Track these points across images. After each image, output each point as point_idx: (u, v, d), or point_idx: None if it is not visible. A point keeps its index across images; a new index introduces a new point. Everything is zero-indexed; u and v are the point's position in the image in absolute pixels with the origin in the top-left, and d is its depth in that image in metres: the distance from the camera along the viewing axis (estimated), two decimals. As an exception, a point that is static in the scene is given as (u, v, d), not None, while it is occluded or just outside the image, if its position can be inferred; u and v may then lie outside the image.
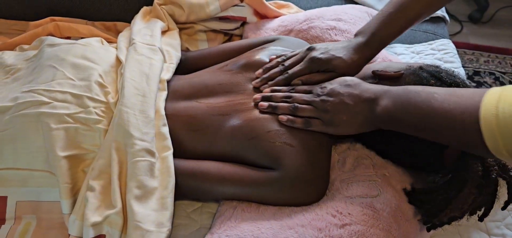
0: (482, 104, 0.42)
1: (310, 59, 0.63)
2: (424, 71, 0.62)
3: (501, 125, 0.40)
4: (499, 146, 0.41)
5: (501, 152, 0.41)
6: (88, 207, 0.54)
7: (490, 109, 0.41)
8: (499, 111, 0.40)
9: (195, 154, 0.63)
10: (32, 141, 0.58)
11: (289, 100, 0.60)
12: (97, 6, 0.86)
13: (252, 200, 0.60)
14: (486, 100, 0.42)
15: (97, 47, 0.70)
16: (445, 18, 1.03)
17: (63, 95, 0.60)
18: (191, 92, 0.67)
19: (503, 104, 0.41)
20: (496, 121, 0.41)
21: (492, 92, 0.43)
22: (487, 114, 0.41)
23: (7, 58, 0.71)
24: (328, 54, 0.62)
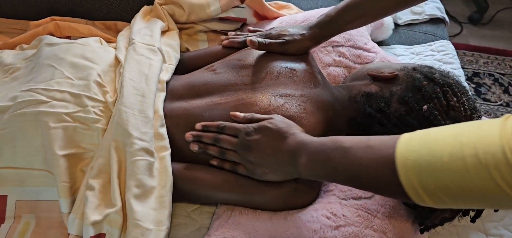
0: (396, 155, 0.42)
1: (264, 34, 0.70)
2: (417, 72, 0.62)
3: (417, 174, 0.41)
4: (416, 187, 0.41)
5: (418, 192, 0.41)
6: (88, 205, 0.54)
7: (403, 160, 0.42)
8: (412, 159, 0.41)
9: (193, 154, 0.63)
10: (31, 140, 0.58)
11: (219, 143, 0.59)
12: (98, 6, 0.86)
13: (246, 206, 0.60)
14: (398, 151, 0.43)
15: (95, 47, 0.70)
16: (444, 19, 1.03)
17: (61, 94, 0.61)
18: (188, 92, 0.68)
19: (412, 147, 0.41)
20: (406, 161, 0.41)
21: (402, 140, 0.43)
22: (403, 166, 0.42)
23: (6, 57, 0.71)
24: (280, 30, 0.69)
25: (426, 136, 0.42)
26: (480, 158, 0.37)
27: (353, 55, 0.79)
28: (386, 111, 0.60)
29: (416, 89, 0.60)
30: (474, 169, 0.37)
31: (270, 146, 0.55)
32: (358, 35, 0.82)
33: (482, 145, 0.37)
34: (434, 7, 1.05)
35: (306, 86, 0.66)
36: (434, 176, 0.40)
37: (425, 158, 0.40)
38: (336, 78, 0.77)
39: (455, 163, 0.38)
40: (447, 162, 0.39)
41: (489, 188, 0.37)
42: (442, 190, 0.40)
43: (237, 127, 0.59)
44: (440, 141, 0.40)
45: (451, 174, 0.38)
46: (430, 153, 0.40)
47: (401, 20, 1.00)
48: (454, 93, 0.58)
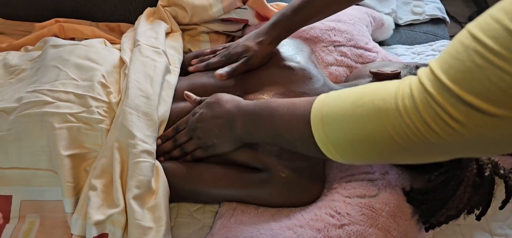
0: (312, 109, 0.44)
1: (225, 53, 0.70)
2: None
3: (325, 124, 0.42)
4: (325, 140, 0.43)
5: (329, 149, 0.43)
6: (91, 205, 0.55)
7: (316, 113, 0.43)
8: (324, 112, 0.42)
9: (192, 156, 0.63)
10: (36, 140, 0.59)
11: (177, 144, 0.62)
12: (102, 7, 0.86)
13: (249, 202, 0.61)
14: (314, 105, 0.44)
15: (100, 48, 0.71)
16: (445, 19, 1.04)
17: (66, 95, 0.61)
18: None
19: (326, 102, 0.43)
20: (321, 115, 0.42)
21: (320, 96, 0.45)
22: (315, 118, 0.43)
23: (12, 58, 0.71)
24: (236, 49, 0.68)
25: (341, 91, 0.43)
26: (375, 104, 0.37)
27: (355, 55, 0.80)
28: None
29: None
30: (367, 114, 0.38)
31: (211, 116, 0.58)
32: (359, 35, 0.82)
33: (379, 93, 0.38)
34: (435, 7, 1.05)
35: (305, 84, 0.66)
36: (338, 127, 0.41)
37: (333, 109, 0.42)
38: (338, 77, 0.78)
39: (354, 111, 0.39)
40: (348, 110, 0.40)
41: (380, 135, 0.37)
42: (345, 140, 0.41)
43: (186, 118, 0.63)
44: (348, 93, 0.41)
45: (351, 122, 0.39)
46: (337, 103, 0.41)
47: (401, 20, 1.01)
48: None
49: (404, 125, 0.35)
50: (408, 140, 0.36)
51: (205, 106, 0.60)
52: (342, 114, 0.40)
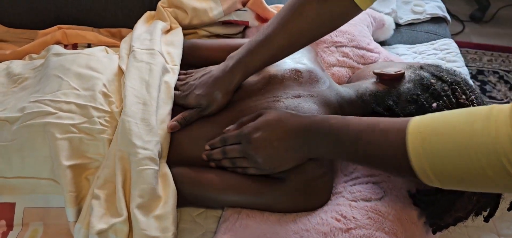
0: (407, 140, 0.44)
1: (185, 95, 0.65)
2: (425, 71, 0.62)
3: (429, 162, 0.42)
4: (426, 170, 0.43)
5: (428, 175, 0.43)
6: (94, 215, 0.55)
7: (415, 134, 0.43)
8: (424, 135, 0.43)
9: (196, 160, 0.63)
10: (39, 150, 0.59)
11: (227, 155, 0.59)
12: (103, 14, 0.87)
13: (256, 208, 0.60)
14: (409, 135, 0.44)
15: (101, 57, 0.71)
16: (446, 18, 1.03)
17: (68, 106, 0.61)
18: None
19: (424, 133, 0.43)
20: (422, 145, 0.43)
21: (413, 125, 0.45)
22: (413, 139, 0.43)
23: (15, 67, 0.72)
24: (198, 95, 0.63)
25: (436, 121, 0.43)
26: (489, 149, 0.38)
27: (357, 55, 0.80)
28: (395, 109, 0.60)
29: (424, 87, 0.60)
30: (484, 157, 0.38)
31: (275, 138, 0.55)
32: (360, 35, 0.82)
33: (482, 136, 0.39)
34: (435, 6, 1.05)
35: (312, 86, 0.66)
36: (445, 162, 0.41)
37: (436, 145, 0.42)
38: (340, 78, 0.78)
39: (466, 151, 0.40)
40: (457, 149, 0.40)
41: (498, 174, 0.38)
42: (452, 175, 0.41)
43: (236, 134, 0.59)
44: (450, 127, 0.42)
45: (463, 161, 0.40)
46: (441, 140, 0.41)
47: (402, 20, 1.00)
48: (462, 91, 0.59)
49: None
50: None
51: (262, 128, 0.56)
52: (451, 152, 0.41)
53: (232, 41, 0.79)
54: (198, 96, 0.64)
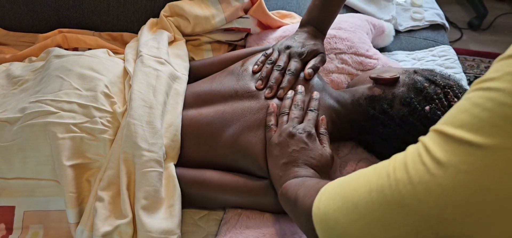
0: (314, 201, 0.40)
1: (298, 54, 0.69)
2: (418, 75, 0.63)
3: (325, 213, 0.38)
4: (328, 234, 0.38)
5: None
6: (97, 217, 0.55)
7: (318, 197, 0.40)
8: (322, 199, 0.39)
9: (200, 162, 0.64)
10: (40, 150, 0.59)
11: (287, 110, 0.62)
12: (104, 18, 0.87)
13: (254, 208, 0.61)
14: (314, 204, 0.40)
15: (103, 59, 0.72)
16: (445, 25, 1.04)
17: (69, 105, 0.61)
18: (196, 101, 0.69)
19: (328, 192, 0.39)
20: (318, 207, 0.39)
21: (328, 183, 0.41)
22: (316, 201, 0.40)
23: (15, 69, 0.72)
24: (306, 47, 0.70)
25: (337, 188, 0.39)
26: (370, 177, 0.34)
27: (356, 62, 0.80)
28: (389, 112, 0.61)
29: (418, 91, 0.61)
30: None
31: (300, 155, 0.56)
32: (359, 42, 0.83)
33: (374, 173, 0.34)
34: (434, 13, 1.06)
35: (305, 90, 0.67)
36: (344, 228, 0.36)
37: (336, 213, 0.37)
38: (339, 85, 0.78)
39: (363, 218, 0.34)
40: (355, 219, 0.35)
41: None
42: None
43: (312, 120, 0.61)
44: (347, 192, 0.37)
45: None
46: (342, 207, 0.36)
47: (401, 27, 1.02)
48: (455, 94, 0.60)
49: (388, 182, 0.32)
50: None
51: (310, 148, 0.56)
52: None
53: (229, 54, 0.80)
54: (312, 47, 0.70)
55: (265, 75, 0.67)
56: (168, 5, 0.84)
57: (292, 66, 0.67)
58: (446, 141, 0.29)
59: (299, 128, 0.59)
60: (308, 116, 0.61)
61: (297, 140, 0.57)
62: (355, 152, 0.68)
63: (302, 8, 0.99)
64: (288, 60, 0.69)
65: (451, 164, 0.28)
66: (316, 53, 0.70)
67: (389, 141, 0.62)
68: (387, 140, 0.62)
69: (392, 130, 0.61)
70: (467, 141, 0.28)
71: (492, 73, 0.29)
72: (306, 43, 0.70)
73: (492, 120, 0.27)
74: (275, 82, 0.66)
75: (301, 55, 0.69)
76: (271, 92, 0.65)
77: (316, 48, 0.70)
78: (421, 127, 0.58)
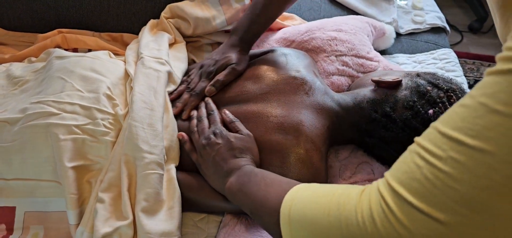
0: (283, 201, 0.42)
1: (206, 74, 0.70)
2: (421, 78, 0.63)
3: (292, 220, 0.40)
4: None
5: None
6: (98, 218, 0.55)
7: (287, 202, 0.42)
8: (292, 212, 0.41)
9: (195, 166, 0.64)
10: (40, 151, 0.59)
11: (199, 123, 0.64)
12: (105, 18, 0.87)
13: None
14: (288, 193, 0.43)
15: (105, 60, 0.71)
16: (445, 28, 1.05)
17: (72, 107, 0.61)
18: None
19: (295, 205, 0.41)
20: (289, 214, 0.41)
21: (295, 188, 0.43)
22: (284, 207, 0.42)
23: (15, 69, 0.71)
24: (216, 62, 0.71)
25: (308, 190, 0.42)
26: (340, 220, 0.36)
27: (356, 64, 0.80)
28: (392, 115, 0.61)
29: (421, 94, 0.61)
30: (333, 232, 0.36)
31: (220, 155, 0.59)
32: (360, 44, 0.83)
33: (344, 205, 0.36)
34: (435, 16, 1.06)
35: (306, 93, 0.67)
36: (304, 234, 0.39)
37: (300, 213, 0.40)
38: (340, 87, 0.78)
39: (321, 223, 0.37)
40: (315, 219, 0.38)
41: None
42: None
43: (216, 122, 0.63)
44: (315, 199, 0.39)
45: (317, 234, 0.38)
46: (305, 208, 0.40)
47: (402, 30, 1.01)
48: (458, 98, 0.60)
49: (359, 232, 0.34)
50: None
51: (224, 141, 0.60)
52: (309, 222, 0.39)
53: None
54: (225, 57, 0.70)
55: (181, 100, 0.70)
56: (168, 6, 0.84)
57: (197, 87, 0.70)
58: (407, 205, 0.31)
59: (207, 134, 0.61)
60: (210, 120, 0.64)
61: (212, 145, 0.60)
62: (355, 155, 0.68)
63: (303, 10, 0.99)
64: (198, 80, 0.71)
65: (416, 232, 0.30)
66: (226, 65, 0.70)
67: (391, 144, 0.62)
68: (388, 143, 0.62)
69: (394, 133, 0.60)
70: (427, 213, 0.29)
71: (437, 150, 0.30)
72: (217, 57, 0.71)
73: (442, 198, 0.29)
74: (182, 103, 0.69)
75: (210, 73, 0.70)
76: (176, 110, 0.68)
77: (225, 61, 0.70)
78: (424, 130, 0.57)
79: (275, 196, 0.45)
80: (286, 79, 0.68)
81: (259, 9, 0.72)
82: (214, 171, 0.59)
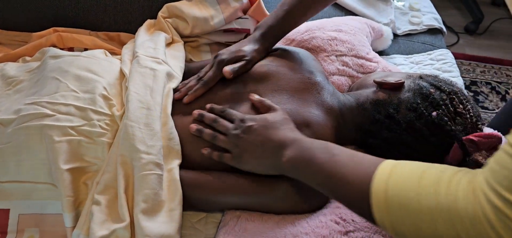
0: (374, 177, 0.43)
1: (217, 63, 0.68)
2: (423, 81, 0.64)
3: (389, 202, 0.41)
4: (385, 223, 0.42)
5: (386, 227, 0.42)
6: (94, 221, 0.54)
7: (380, 184, 0.42)
8: (388, 187, 0.41)
9: (200, 164, 0.63)
10: (35, 153, 0.58)
11: (215, 124, 0.61)
12: (101, 17, 0.86)
13: (256, 209, 0.61)
14: (378, 174, 0.43)
15: (101, 59, 0.70)
16: (442, 29, 1.05)
17: (66, 108, 0.60)
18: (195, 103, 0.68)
19: (392, 181, 0.42)
20: (385, 197, 0.41)
21: (384, 165, 0.44)
22: (378, 188, 0.42)
23: (9, 69, 0.70)
24: (232, 53, 0.69)
25: (402, 168, 0.42)
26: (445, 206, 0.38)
27: (356, 65, 0.80)
28: (395, 117, 0.61)
29: (424, 96, 0.61)
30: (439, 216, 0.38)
31: (262, 134, 0.57)
32: (359, 45, 0.83)
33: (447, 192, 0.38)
34: (432, 17, 1.06)
35: (318, 94, 0.67)
36: (403, 219, 0.40)
37: (397, 194, 0.41)
38: (340, 87, 0.78)
39: (421, 208, 0.39)
40: (415, 203, 0.39)
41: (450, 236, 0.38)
42: (410, 233, 0.40)
43: (235, 113, 0.62)
44: (412, 179, 0.40)
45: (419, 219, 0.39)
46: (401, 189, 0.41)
47: (399, 31, 1.02)
48: (460, 100, 0.60)
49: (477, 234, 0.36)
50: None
51: (258, 121, 0.58)
52: (408, 204, 0.40)
53: None
54: (243, 51, 0.69)
55: (186, 81, 0.69)
56: (166, 6, 0.83)
57: (206, 75, 0.68)
58: None
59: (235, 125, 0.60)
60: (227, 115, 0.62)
61: (247, 130, 0.58)
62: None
63: (301, 10, 0.99)
64: (208, 69, 0.69)
65: None
66: (239, 59, 0.69)
67: (394, 145, 0.62)
68: (392, 144, 0.62)
69: (397, 134, 0.61)
70: None
71: None
72: (235, 49, 0.70)
73: None
74: (186, 88, 0.68)
75: (222, 63, 0.68)
76: (178, 95, 0.67)
77: (240, 55, 0.69)
78: (428, 133, 0.58)
79: (358, 173, 0.45)
80: (301, 78, 0.68)
81: (285, 10, 0.71)
82: (261, 154, 0.56)
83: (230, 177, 0.61)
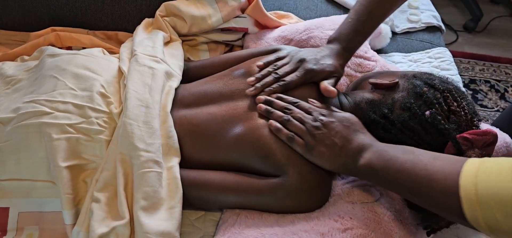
0: (461, 173, 0.42)
1: (305, 71, 0.65)
2: (417, 79, 0.64)
3: (480, 198, 0.40)
4: (478, 219, 0.41)
5: (479, 223, 0.41)
6: (94, 218, 0.54)
7: (469, 179, 0.42)
8: (478, 183, 0.41)
9: (199, 163, 0.63)
10: (34, 151, 0.58)
11: (288, 112, 0.61)
12: (99, 16, 0.86)
13: (256, 208, 0.61)
14: (465, 170, 0.42)
15: (99, 57, 0.70)
16: (441, 27, 1.05)
17: (64, 105, 0.61)
18: (192, 100, 0.68)
19: (482, 175, 0.41)
20: (476, 192, 0.41)
21: (471, 161, 0.43)
22: (467, 184, 0.41)
23: (8, 68, 0.70)
24: (320, 65, 0.66)
25: (492, 170, 0.41)
26: None
27: (354, 64, 0.80)
28: (390, 117, 0.61)
29: (417, 95, 0.61)
30: None
31: (343, 133, 0.57)
32: (358, 43, 0.83)
33: None
34: (430, 15, 1.06)
35: (310, 91, 0.67)
36: (498, 216, 0.39)
37: (489, 192, 0.40)
38: (338, 86, 0.78)
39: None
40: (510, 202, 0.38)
41: None
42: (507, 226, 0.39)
43: (310, 106, 0.62)
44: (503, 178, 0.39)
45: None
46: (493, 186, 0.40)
47: (398, 29, 1.02)
48: (454, 98, 0.60)
49: None
50: None
51: (340, 119, 0.59)
52: (501, 197, 0.39)
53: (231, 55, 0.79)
54: (331, 66, 0.66)
55: (260, 76, 0.66)
56: (163, 4, 0.83)
57: (288, 78, 0.65)
58: None
59: (315, 116, 0.60)
60: (301, 107, 0.62)
61: (327, 125, 0.58)
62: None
63: (299, 9, 0.99)
64: (291, 71, 0.66)
65: None
66: (330, 75, 0.66)
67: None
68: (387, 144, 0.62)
69: (393, 134, 0.61)
70: None
71: None
72: (323, 61, 0.66)
73: None
74: (261, 86, 0.64)
75: (310, 72, 0.65)
76: (253, 91, 0.64)
77: (330, 70, 0.66)
78: (422, 132, 0.58)
79: (444, 174, 0.44)
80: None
81: (365, 16, 0.68)
82: (338, 152, 0.56)
83: (230, 176, 0.61)
